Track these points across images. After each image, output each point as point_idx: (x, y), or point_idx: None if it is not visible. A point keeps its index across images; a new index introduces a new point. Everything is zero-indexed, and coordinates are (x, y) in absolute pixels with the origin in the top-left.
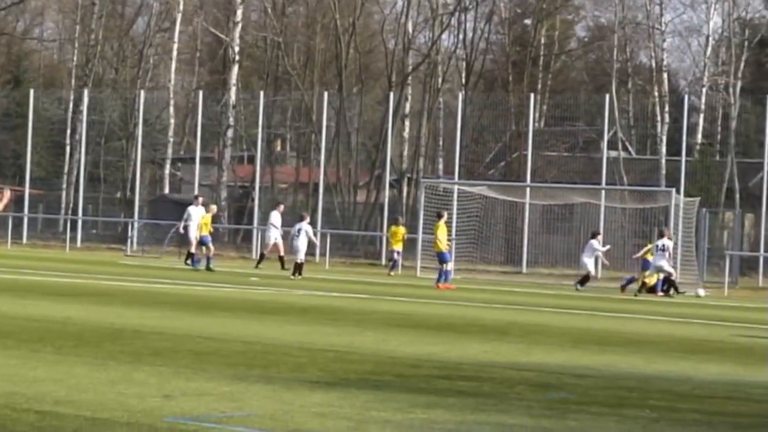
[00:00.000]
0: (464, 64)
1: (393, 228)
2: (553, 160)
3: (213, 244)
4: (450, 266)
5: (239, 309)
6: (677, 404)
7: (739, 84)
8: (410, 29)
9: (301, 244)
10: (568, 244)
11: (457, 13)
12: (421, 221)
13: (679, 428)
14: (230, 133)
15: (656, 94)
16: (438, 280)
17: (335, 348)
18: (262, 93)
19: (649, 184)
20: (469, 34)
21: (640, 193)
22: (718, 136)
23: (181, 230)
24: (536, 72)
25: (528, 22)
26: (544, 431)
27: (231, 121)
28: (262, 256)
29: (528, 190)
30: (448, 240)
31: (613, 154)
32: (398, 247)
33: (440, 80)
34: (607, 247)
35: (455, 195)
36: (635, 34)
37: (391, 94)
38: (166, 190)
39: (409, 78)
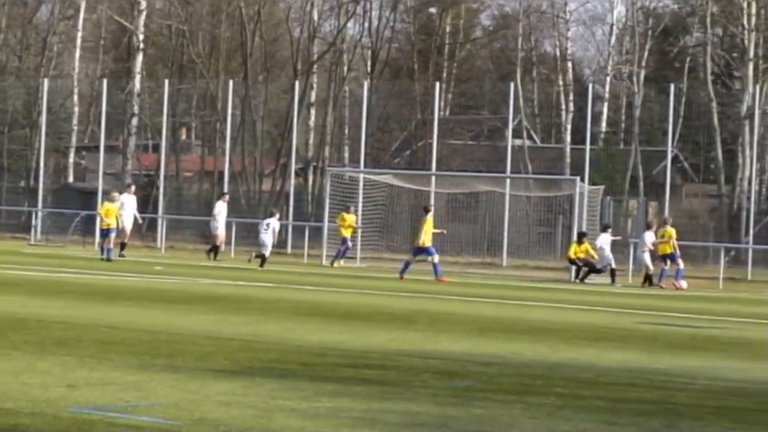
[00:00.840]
0: (370, 52)
1: (343, 214)
2: (459, 149)
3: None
4: (436, 258)
5: (145, 298)
6: (582, 391)
7: (642, 73)
8: (315, 17)
9: (267, 238)
10: (473, 232)
11: (362, 2)
12: (327, 210)
13: (583, 415)
14: (135, 121)
15: (561, 82)
16: (437, 274)
17: (241, 337)
18: (166, 81)
19: (553, 172)
20: (375, 23)
21: (545, 181)
22: (622, 125)
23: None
24: (441, 60)
25: (433, 10)
26: (449, 419)
27: (135, 109)
28: (216, 248)
29: (433, 178)
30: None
31: (518, 142)
32: (348, 233)
33: (346, 69)
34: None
35: (361, 183)
36: (540, 23)
37: (297, 83)
38: (71, 179)
39: (315, 66)
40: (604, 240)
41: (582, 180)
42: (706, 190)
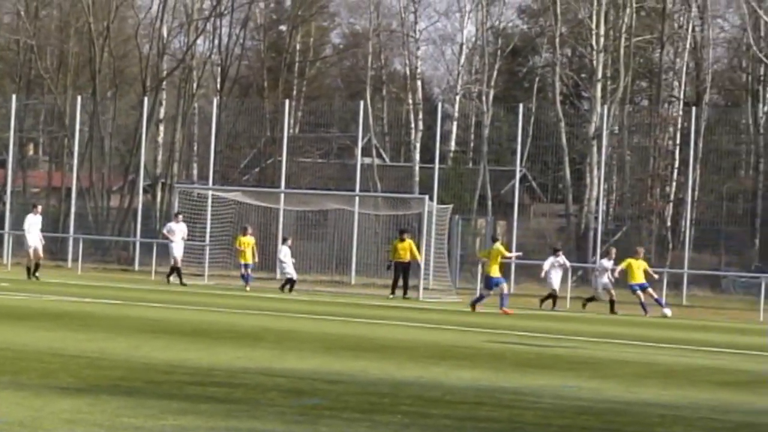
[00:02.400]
0: (219, 69)
1: (240, 238)
2: (308, 167)
3: None
4: (506, 289)
5: None
6: (429, 410)
7: (492, 92)
8: (165, 34)
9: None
10: (322, 250)
11: (212, 19)
12: None
13: None
14: None
15: (410, 101)
16: (503, 306)
17: (87, 354)
18: (14, 96)
19: (402, 191)
20: (225, 40)
21: (394, 199)
22: (471, 144)
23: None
24: (291, 78)
25: (283, 28)
26: None
27: None
28: (174, 270)
29: (282, 196)
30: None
31: (367, 160)
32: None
33: (195, 85)
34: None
35: (209, 200)
36: (390, 42)
37: (146, 99)
38: None
39: (164, 83)
40: (550, 263)
41: (431, 199)
42: (554, 209)
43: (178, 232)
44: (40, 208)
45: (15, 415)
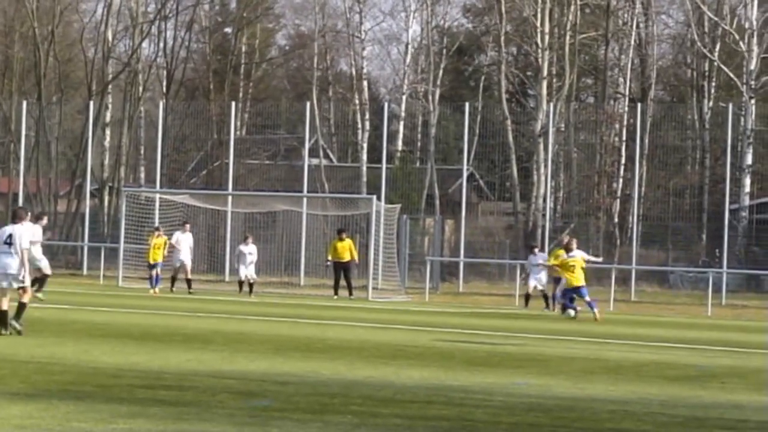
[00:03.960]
0: (165, 72)
1: (156, 239)
2: (255, 168)
3: None
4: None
5: None
6: (379, 409)
7: (438, 91)
8: (110, 37)
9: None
10: (271, 251)
11: (157, 22)
12: (122, 230)
13: None
14: None
15: (357, 101)
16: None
17: (37, 359)
18: None
19: (350, 191)
20: (170, 43)
21: (342, 200)
22: (419, 143)
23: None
24: (237, 80)
25: (229, 30)
26: None
27: None
28: (177, 280)
29: (230, 198)
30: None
31: (315, 161)
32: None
33: (141, 89)
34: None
35: (157, 204)
36: (335, 42)
37: (92, 103)
38: None
39: (110, 86)
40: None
41: (378, 198)
42: (501, 207)
43: (184, 241)
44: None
45: None
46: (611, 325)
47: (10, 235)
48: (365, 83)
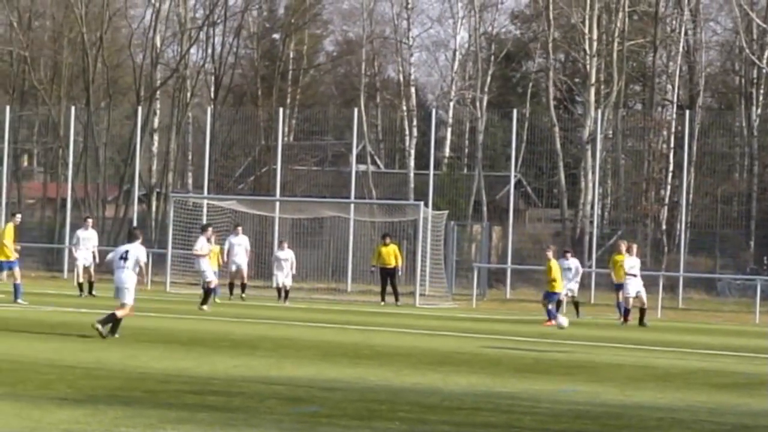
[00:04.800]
0: (213, 78)
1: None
2: (303, 174)
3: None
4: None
5: None
6: (427, 416)
7: (485, 98)
8: (158, 43)
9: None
10: (318, 257)
11: (205, 28)
12: (170, 236)
13: None
14: None
15: (404, 108)
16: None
17: (83, 364)
18: (8, 107)
19: (397, 197)
20: (218, 49)
21: (389, 206)
22: (466, 150)
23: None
24: (285, 86)
25: (277, 36)
26: None
27: None
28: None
29: (277, 204)
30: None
31: (362, 167)
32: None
33: (189, 94)
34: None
35: (205, 209)
36: (383, 49)
37: (140, 109)
38: None
39: (158, 92)
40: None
41: (426, 205)
42: (549, 214)
43: (238, 245)
44: (18, 217)
45: (13, 426)
46: (659, 333)
47: (126, 251)
48: (413, 89)
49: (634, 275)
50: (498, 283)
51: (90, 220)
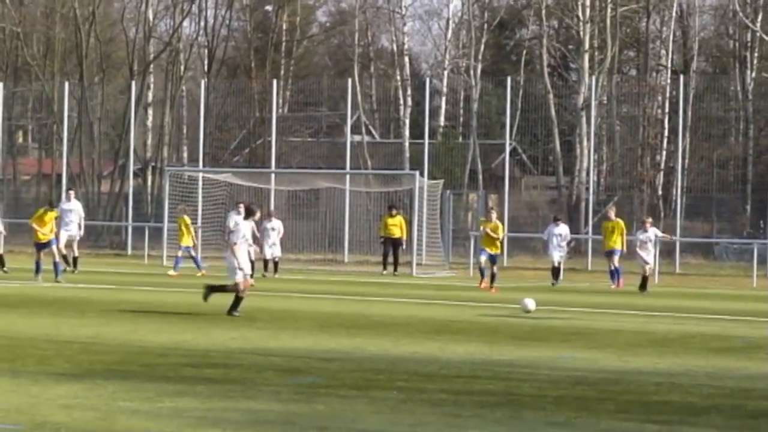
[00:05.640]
0: (206, 51)
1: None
2: (298, 146)
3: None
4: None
5: None
6: (425, 384)
7: (479, 66)
8: (151, 17)
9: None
10: (314, 228)
11: (197, 0)
12: (166, 210)
13: (426, 408)
14: None
15: (398, 77)
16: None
17: (82, 339)
18: (1, 84)
19: (393, 167)
20: (211, 21)
21: (385, 176)
22: (461, 119)
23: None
24: (279, 58)
25: (269, 8)
26: (293, 416)
27: None
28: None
29: (273, 176)
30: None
31: (357, 138)
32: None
33: (182, 68)
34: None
35: (200, 183)
36: (376, 19)
37: (133, 83)
38: None
39: (151, 66)
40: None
41: (421, 174)
42: (545, 181)
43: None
44: (72, 193)
45: (12, 402)
46: (656, 298)
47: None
48: (406, 59)
49: (648, 250)
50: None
51: (72, 192)
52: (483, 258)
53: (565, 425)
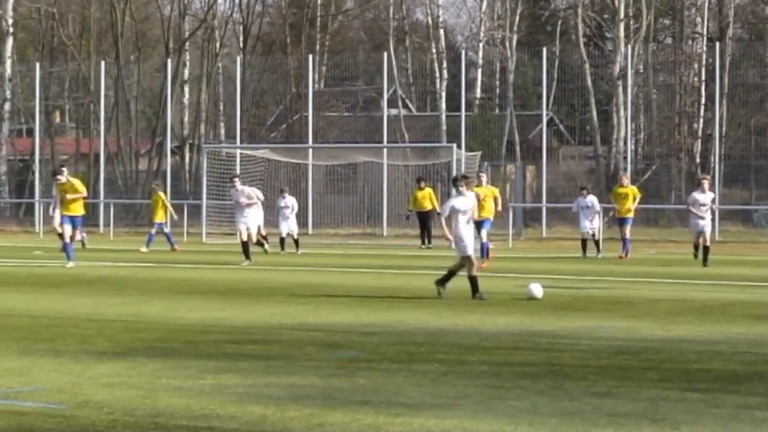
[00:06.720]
0: (241, 27)
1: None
2: (335, 121)
3: None
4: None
5: (24, 283)
6: (466, 357)
7: (515, 38)
8: None
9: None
10: (352, 203)
11: None
12: (204, 187)
13: (468, 380)
14: (7, 106)
15: (434, 50)
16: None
17: (122, 318)
18: (38, 64)
19: (430, 140)
20: None
21: (422, 149)
22: (497, 90)
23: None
24: (314, 33)
25: None
26: (334, 390)
27: (8, 94)
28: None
29: (310, 151)
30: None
31: (394, 112)
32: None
33: (218, 45)
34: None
35: (238, 159)
36: None
37: (169, 61)
38: None
39: (187, 44)
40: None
41: (459, 147)
42: (582, 151)
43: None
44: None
45: (54, 382)
46: (696, 266)
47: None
48: (441, 32)
49: (702, 217)
50: (533, 222)
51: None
52: (484, 232)
53: (607, 395)
